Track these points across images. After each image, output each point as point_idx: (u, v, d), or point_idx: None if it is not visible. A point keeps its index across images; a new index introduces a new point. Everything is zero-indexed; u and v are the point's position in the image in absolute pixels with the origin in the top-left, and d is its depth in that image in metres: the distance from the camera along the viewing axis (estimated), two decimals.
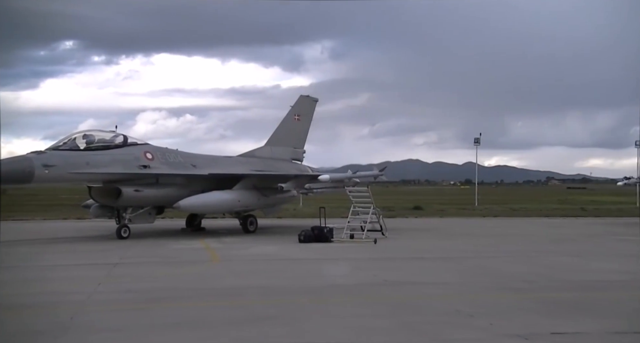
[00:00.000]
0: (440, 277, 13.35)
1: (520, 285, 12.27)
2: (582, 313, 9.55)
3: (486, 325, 8.72)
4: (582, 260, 16.36)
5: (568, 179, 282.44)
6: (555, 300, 10.69)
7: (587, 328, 8.52)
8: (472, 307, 10.03)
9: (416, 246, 19.92)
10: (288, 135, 28.89)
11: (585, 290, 11.68)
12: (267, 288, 11.78)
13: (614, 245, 20.62)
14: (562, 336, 8.12)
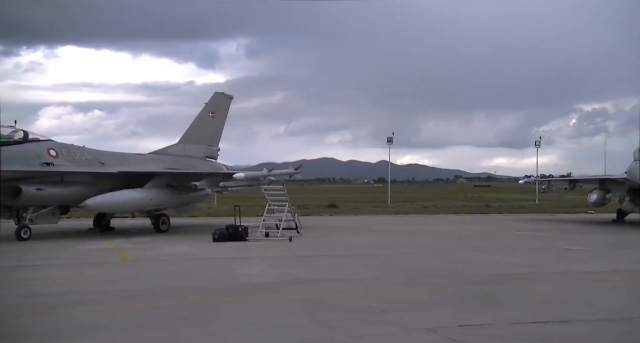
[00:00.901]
0: (353, 274, 13.52)
1: (430, 280, 12.64)
2: (487, 306, 9.96)
3: (397, 319, 8.90)
4: (487, 255, 17.08)
5: (475, 177, 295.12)
6: (462, 294, 11.09)
7: (492, 320, 8.88)
8: (384, 302, 10.22)
9: (331, 244, 20.10)
10: (202, 132, 28.36)
11: (490, 284, 12.19)
12: (179, 289, 11.47)
13: (516, 240, 21.70)
14: (468, 328, 8.42)
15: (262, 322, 8.81)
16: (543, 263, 15.24)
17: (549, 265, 14.94)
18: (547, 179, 42.87)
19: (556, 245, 20.02)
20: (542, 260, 15.88)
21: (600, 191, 30.87)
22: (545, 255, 17.31)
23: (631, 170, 25.94)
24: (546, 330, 8.37)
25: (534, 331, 8.33)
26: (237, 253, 17.38)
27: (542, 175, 52.96)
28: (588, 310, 9.58)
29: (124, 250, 17.91)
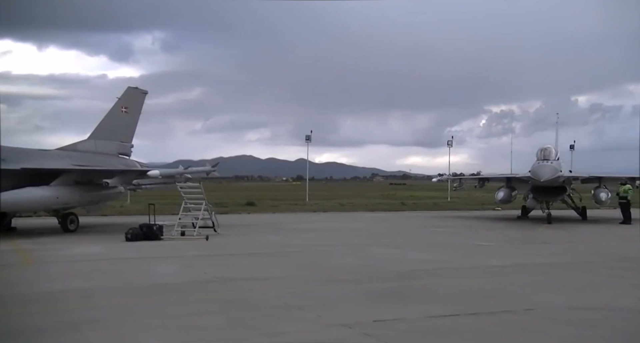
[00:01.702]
0: (271, 272, 13.49)
1: (346, 276, 12.81)
2: (402, 301, 10.21)
3: (314, 316, 8.96)
4: (402, 251, 17.52)
5: (391, 176, 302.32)
6: (378, 290, 11.31)
7: (406, 315, 9.11)
8: (301, 300, 10.26)
9: (248, 242, 19.96)
10: (114, 128, 27.34)
11: (405, 279, 12.52)
12: (88, 291, 11.00)
13: (430, 236, 22.40)
14: (384, 323, 8.60)
15: (176, 323, 8.60)
16: (454, 259, 15.82)
17: (459, 260, 15.52)
18: (459, 178, 44.55)
19: (466, 241, 20.84)
20: (453, 256, 16.48)
21: (507, 189, 32.36)
22: (456, 250, 17.96)
23: (534, 169, 27.38)
24: (456, 323, 8.68)
25: (445, 324, 8.63)
26: (151, 252, 16.90)
27: (454, 174, 55.01)
28: (494, 303, 10.02)
29: (27, 252, 16.98)
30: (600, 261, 15.63)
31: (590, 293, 11.06)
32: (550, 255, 16.93)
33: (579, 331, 8.26)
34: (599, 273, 13.47)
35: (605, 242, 20.65)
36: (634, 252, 17.57)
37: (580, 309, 9.63)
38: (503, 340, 7.83)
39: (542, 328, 8.38)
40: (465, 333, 8.15)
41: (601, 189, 31.03)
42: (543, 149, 28.20)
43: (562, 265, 14.90)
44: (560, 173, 27.56)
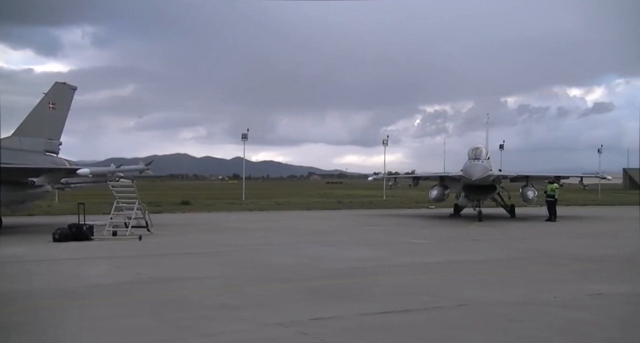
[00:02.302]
0: (207, 271, 13.30)
1: (283, 275, 12.79)
2: (338, 299, 10.28)
3: (250, 316, 8.89)
4: (339, 250, 17.65)
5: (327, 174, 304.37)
6: (314, 288, 11.34)
7: (342, 313, 9.18)
8: (237, 299, 10.16)
9: (183, 242, 19.61)
10: (41, 125, 26.21)
11: (341, 277, 12.60)
12: (12, 294, 10.51)
13: (366, 234, 22.68)
14: (319, 321, 8.63)
15: (107, 325, 8.34)
16: (389, 256, 16.07)
17: (394, 258, 15.78)
18: (394, 176, 45.26)
19: (401, 238, 21.21)
20: (388, 253, 16.74)
21: (440, 187, 33.12)
22: (391, 248, 18.25)
23: (466, 168, 28.16)
24: (390, 320, 8.82)
25: (380, 321, 8.74)
26: (81, 253, 16.33)
27: (389, 173, 55.90)
28: (428, 299, 10.25)
29: None
30: (528, 257, 16.25)
31: (519, 288, 11.48)
32: (481, 251, 17.46)
33: (508, 325, 8.55)
34: (527, 269, 14.00)
35: (533, 239, 21.48)
36: (559, 248, 18.38)
37: (509, 304, 9.97)
38: (435, 336, 8.00)
39: (473, 323, 8.62)
40: (399, 329, 8.29)
41: (528, 188, 32.23)
42: (474, 149, 29.01)
43: (493, 261, 15.40)
44: (491, 173, 28.46)
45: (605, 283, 11.96)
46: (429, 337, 7.96)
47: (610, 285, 11.82)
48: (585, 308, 9.67)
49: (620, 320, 8.91)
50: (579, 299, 10.39)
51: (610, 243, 19.76)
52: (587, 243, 19.89)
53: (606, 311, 9.46)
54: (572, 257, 16.31)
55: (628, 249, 18.17)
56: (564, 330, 8.23)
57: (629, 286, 11.77)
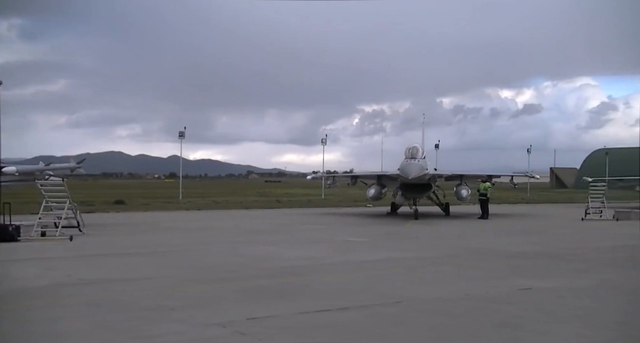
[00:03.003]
0: (142, 272, 12.97)
1: (221, 275, 12.64)
2: (276, 298, 10.24)
3: (187, 317, 8.73)
4: (277, 249, 17.60)
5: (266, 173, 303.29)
6: (252, 288, 11.26)
7: (279, 312, 9.14)
8: (173, 300, 9.96)
9: (117, 242, 19.06)
10: None
11: (280, 277, 12.55)
12: None
13: (305, 233, 22.70)
14: (257, 320, 8.57)
15: (36, 330, 7.99)
16: (327, 255, 16.14)
17: (332, 256, 15.86)
18: (332, 175, 45.54)
19: (339, 237, 21.36)
20: (327, 252, 16.82)
21: (377, 186, 33.50)
22: (329, 246, 18.35)
23: (402, 167, 28.61)
24: (328, 318, 8.86)
25: (318, 319, 8.76)
26: (7, 255, 15.61)
27: (328, 171, 56.22)
28: (365, 297, 10.35)
29: None
30: (462, 254, 16.69)
31: (454, 284, 11.77)
32: (417, 249, 17.81)
33: (443, 320, 8.75)
34: (461, 266, 14.38)
35: (467, 236, 22.08)
36: (492, 245, 18.97)
37: (444, 300, 10.20)
38: (372, 333, 8.09)
39: (410, 320, 8.78)
40: (337, 327, 8.33)
41: (462, 186, 33.09)
42: (411, 148, 29.50)
43: (429, 258, 15.72)
44: (427, 171, 29.05)
45: (535, 279, 12.43)
46: (367, 334, 8.03)
47: (539, 280, 12.30)
48: (516, 302, 10.02)
49: (548, 313, 9.27)
50: (510, 294, 10.75)
51: (539, 240, 20.57)
52: (517, 240, 20.62)
53: (535, 305, 9.82)
54: (504, 253, 16.87)
55: (555, 245, 18.96)
56: (497, 324, 8.50)
57: (556, 281, 12.27)
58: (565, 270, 13.87)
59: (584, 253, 17.06)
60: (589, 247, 18.89)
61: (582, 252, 17.50)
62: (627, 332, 8.19)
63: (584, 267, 14.40)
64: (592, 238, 21.62)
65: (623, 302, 10.24)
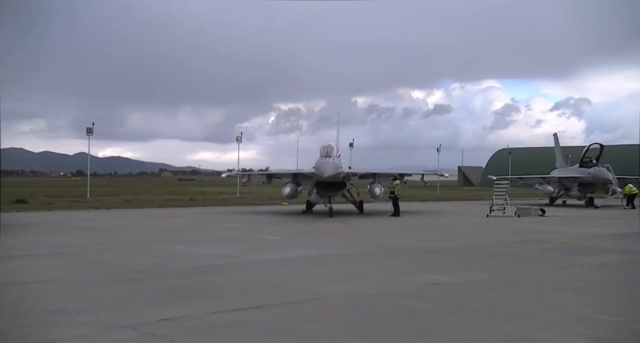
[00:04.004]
0: (47, 274, 12.33)
1: (132, 276, 12.24)
2: (189, 298, 10.05)
3: (94, 319, 8.41)
4: (191, 248, 17.28)
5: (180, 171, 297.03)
6: (164, 288, 10.99)
7: (192, 312, 8.99)
8: (80, 302, 9.56)
9: (18, 243, 18.01)
10: None
11: (193, 276, 12.33)
12: None
13: (219, 232, 22.41)
14: (169, 321, 8.38)
15: None
16: (242, 253, 16.03)
17: (247, 255, 15.77)
18: (248, 173, 45.25)
19: (254, 235, 21.27)
20: (241, 250, 16.70)
21: (293, 184, 33.60)
22: (244, 245, 18.22)
23: (317, 165, 28.87)
24: (242, 317, 8.80)
25: (231, 318, 8.69)
26: None
27: (243, 169, 55.83)
28: (280, 295, 10.37)
29: None
30: (375, 251, 17.07)
31: (367, 281, 12.02)
32: (332, 246, 18.02)
33: (356, 317, 8.91)
34: (375, 263, 14.70)
35: (380, 233, 22.60)
36: (403, 242, 19.53)
37: (358, 296, 10.39)
38: (286, 330, 8.12)
39: (324, 317, 8.87)
40: (251, 326, 8.30)
41: (376, 184, 33.82)
42: (326, 147, 29.82)
43: (343, 256, 15.96)
44: (341, 170, 29.46)
45: (443, 274, 12.91)
46: (281, 332, 8.05)
47: (448, 275, 12.79)
48: (426, 297, 10.37)
49: (455, 306, 9.66)
50: (420, 289, 11.11)
51: (447, 236, 21.39)
52: (427, 237, 21.35)
53: (444, 299, 10.21)
54: (415, 249, 17.40)
55: (462, 242, 19.79)
56: (407, 319, 8.76)
57: (463, 275, 12.80)
58: (471, 264, 14.50)
59: (488, 249, 17.92)
60: (493, 242, 19.85)
61: (486, 247, 18.37)
62: (526, 322, 8.67)
63: (488, 261, 15.12)
64: (495, 234, 22.73)
65: (522, 294, 10.84)
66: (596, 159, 45.21)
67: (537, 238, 21.19)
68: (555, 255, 16.68)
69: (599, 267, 14.38)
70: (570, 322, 8.75)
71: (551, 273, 13.44)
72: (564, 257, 16.26)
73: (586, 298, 10.51)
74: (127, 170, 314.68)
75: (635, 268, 14.36)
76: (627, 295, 10.84)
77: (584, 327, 8.45)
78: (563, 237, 21.80)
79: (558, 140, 55.58)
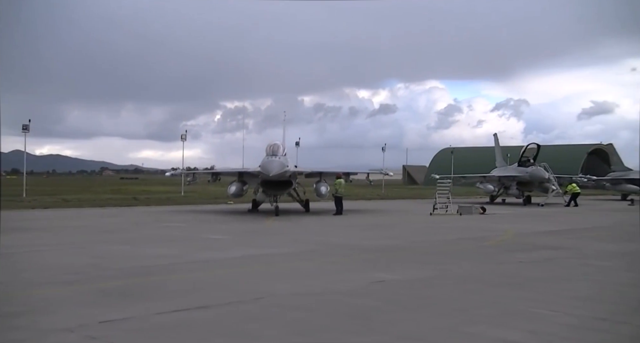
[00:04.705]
0: None
1: (70, 277, 11.87)
2: (131, 299, 9.84)
3: (29, 323, 8.12)
4: (133, 248, 16.91)
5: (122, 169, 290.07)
6: (105, 290, 10.72)
7: (134, 313, 8.81)
8: (16, 305, 9.23)
9: None
10: None
11: (136, 277, 12.08)
12: None
13: (163, 231, 22.02)
14: (110, 323, 8.19)
15: None
16: (187, 253, 15.80)
17: (192, 254, 15.56)
18: (192, 172, 44.65)
19: (199, 234, 21.00)
20: (186, 250, 16.47)
21: (239, 183, 33.35)
22: (189, 244, 17.98)
23: (263, 164, 28.74)
24: (186, 317, 8.69)
25: (174, 319, 8.56)
26: None
27: (188, 168, 55.04)
28: (224, 294, 10.28)
29: None
30: (321, 249, 17.14)
31: (312, 279, 12.06)
32: (278, 245, 17.99)
33: (300, 315, 8.93)
34: (320, 261, 14.77)
35: (326, 232, 22.71)
36: (348, 240, 19.68)
37: (303, 295, 10.42)
38: (231, 330, 8.06)
39: (268, 316, 8.86)
40: (194, 326, 8.20)
41: (322, 183, 33.92)
42: (272, 145, 29.73)
43: (289, 254, 15.96)
44: (287, 169, 29.41)
45: (387, 271, 13.11)
46: (224, 332, 7.98)
47: (392, 272, 12.99)
48: (370, 295, 10.50)
49: (399, 304, 9.82)
50: (364, 287, 11.24)
51: (392, 234, 21.71)
52: (372, 235, 21.59)
53: (388, 296, 10.37)
54: (360, 248, 17.58)
55: (406, 239, 20.12)
56: (351, 316, 8.85)
57: (407, 272, 13.03)
58: (414, 262, 14.77)
59: (431, 246, 18.29)
60: (435, 240, 20.27)
61: (429, 244, 18.75)
62: (466, 318, 8.91)
63: (431, 259, 15.44)
64: (438, 232, 23.22)
65: (463, 290, 11.12)
66: (533, 158, 46.83)
67: (478, 235, 21.78)
68: (495, 251, 17.19)
69: (535, 263, 14.90)
70: (507, 316, 9.04)
71: (490, 269, 13.84)
72: (503, 253, 16.77)
73: (522, 293, 10.88)
74: (66, 168, 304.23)
75: (569, 263, 14.94)
76: (561, 290, 11.28)
77: (520, 321, 8.74)
78: (502, 234, 22.49)
79: (498, 140, 57.34)
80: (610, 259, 15.77)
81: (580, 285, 11.87)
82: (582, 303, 10.02)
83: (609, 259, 15.76)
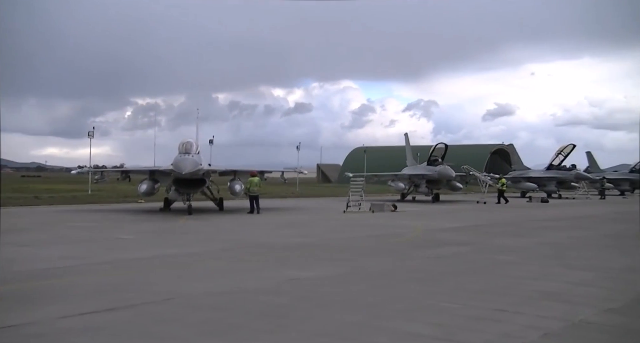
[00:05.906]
0: None
1: None
2: (33, 303, 9.39)
3: None
4: (33, 250, 16.11)
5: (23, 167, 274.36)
6: (2, 294, 10.14)
7: (36, 318, 8.42)
8: None
9: None
10: None
11: (37, 280, 11.52)
12: None
13: (68, 231, 21.08)
14: (10, 329, 7.81)
15: None
16: (94, 254, 15.23)
17: (99, 255, 15.01)
18: (100, 170, 42.96)
19: (107, 234, 20.27)
20: (94, 251, 15.88)
21: (150, 181, 32.50)
22: (97, 245, 17.34)
23: (176, 162, 28.16)
24: (92, 320, 8.39)
25: (81, 323, 8.25)
26: None
27: (96, 166, 52.92)
28: (134, 296, 10.01)
29: None
30: (234, 248, 17.03)
31: (225, 278, 11.98)
32: (190, 245, 17.70)
33: (212, 314, 8.86)
34: (233, 260, 14.67)
35: (239, 231, 22.57)
36: (262, 239, 19.68)
37: (215, 294, 10.33)
38: (142, 332, 7.88)
39: (180, 316, 8.72)
40: (102, 330, 7.95)
41: (236, 182, 33.68)
42: (185, 143, 29.18)
43: (202, 254, 15.74)
44: (201, 167, 28.98)
45: (301, 269, 13.24)
46: (135, 334, 7.79)
47: (305, 270, 13.12)
48: (283, 293, 10.56)
49: (312, 301, 9.95)
50: (278, 285, 11.29)
51: (306, 233, 21.90)
52: (286, 233, 21.68)
53: (301, 294, 10.47)
54: (274, 246, 17.62)
55: (320, 237, 20.38)
56: (265, 315, 8.87)
57: (320, 270, 13.21)
58: (327, 259, 14.99)
59: (344, 243, 18.62)
60: (348, 237, 20.66)
61: (342, 242, 19.07)
62: (377, 313, 9.16)
63: (344, 256, 15.72)
64: (351, 229, 23.67)
65: (374, 286, 11.42)
66: (442, 157, 48.72)
67: (389, 232, 22.38)
68: (404, 248, 17.74)
69: (441, 258, 15.54)
70: (415, 310, 9.39)
71: (400, 265, 14.29)
72: (412, 249, 17.34)
73: (429, 288, 11.32)
74: None
75: (473, 258, 15.67)
76: (464, 284, 11.83)
77: (427, 315, 9.10)
78: (412, 231, 23.25)
79: (408, 139, 59.18)
80: (510, 253, 16.69)
81: (482, 279, 12.49)
82: (484, 296, 10.56)
83: (509, 253, 16.68)
